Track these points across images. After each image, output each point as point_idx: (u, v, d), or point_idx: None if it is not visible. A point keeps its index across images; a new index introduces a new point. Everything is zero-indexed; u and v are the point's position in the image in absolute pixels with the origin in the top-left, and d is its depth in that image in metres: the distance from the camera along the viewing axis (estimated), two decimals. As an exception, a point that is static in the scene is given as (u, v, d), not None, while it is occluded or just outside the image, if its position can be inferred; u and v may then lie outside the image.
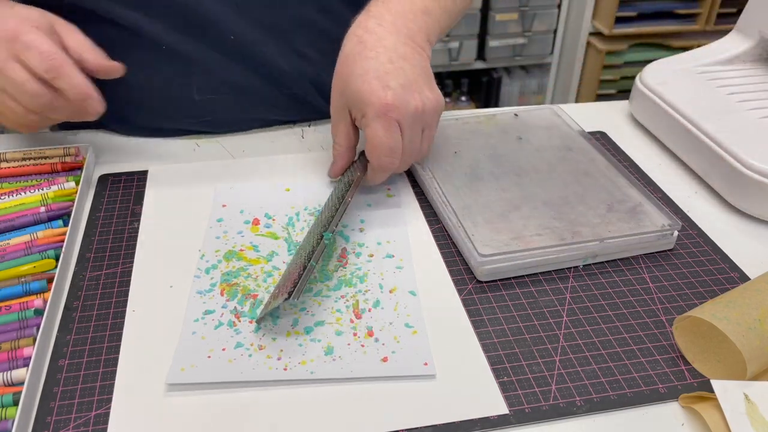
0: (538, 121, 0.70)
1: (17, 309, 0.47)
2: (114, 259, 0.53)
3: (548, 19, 2.14)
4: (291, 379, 0.43)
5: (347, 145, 0.59)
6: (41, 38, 0.52)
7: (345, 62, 0.56)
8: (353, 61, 0.54)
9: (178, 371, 0.43)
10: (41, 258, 0.51)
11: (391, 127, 0.53)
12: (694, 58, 0.76)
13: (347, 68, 0.55)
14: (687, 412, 0.43)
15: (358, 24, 0.57)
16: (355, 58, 0.54)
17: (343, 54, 0.56)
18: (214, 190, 0.61)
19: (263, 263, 0.53)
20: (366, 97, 0.53)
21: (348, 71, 0.55)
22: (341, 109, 0.57)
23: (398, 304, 0.49)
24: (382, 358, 0.45)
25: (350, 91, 0.54)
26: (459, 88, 2.34)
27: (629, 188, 0.59)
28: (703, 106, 0.66)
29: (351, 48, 0.55)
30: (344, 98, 0.56)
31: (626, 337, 0.47)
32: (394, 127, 0.53)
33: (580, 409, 0.42)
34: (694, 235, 0.58)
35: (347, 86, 0.55)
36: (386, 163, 0.55)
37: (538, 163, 0.63)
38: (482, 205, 0.57)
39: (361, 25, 0.57)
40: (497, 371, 0.45)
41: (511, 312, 0.49)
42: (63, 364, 0.44)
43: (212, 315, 0.48)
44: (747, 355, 0.41)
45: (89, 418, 0.41)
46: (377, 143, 0.53)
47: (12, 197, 0.57)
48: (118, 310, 0.49)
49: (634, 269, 0.54)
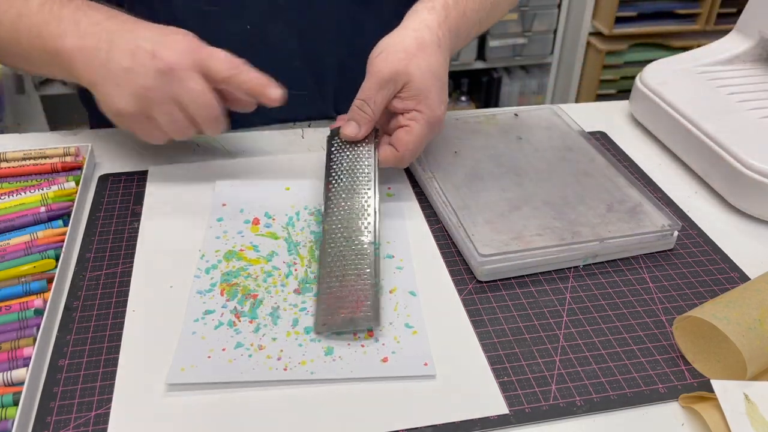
0: (538, 121, 0.70)
1: (17, 309, 0.47)
2: (114, 259, 0.53)
3: (548, 19, 2.14)
4: (291, 380, 0.43)
5: (376, 116, 0.58)
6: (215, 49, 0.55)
7: (407, 45, 0.57)
8: (421, 49, 0.57)
9: (178, 371, 0.43)
10: (41, 258, 0.51)
11: (430, 136, 0.59)
12: (694, 58, 0.76)
13: (411, 53, 0.56)
14: (687, 412, 0.43)
15: (423, 14, 0.59)
16: (423, 48, 0.57)
17: (405, 33, 0.58)
18: (214, 189, 0.61)
19: (263, 263, 0.53)
20: (432, 100, 0.57)
21: (411, 56, 0.56)
22: (389, 82, 0.57)
23: (398, 304, 0.49)
24: (382, 358, 0.45)
25: (416, 80, 0.56)
26: (459, 88, 2.34)
27: (629, 188, 0.59)
28: (703, 106, 0.66)
29: (416, 34, 0.57)
30: (403, 77, 0.56)
31: (626, 337, 0.47)
32: (431, 137, 0.60)
33: (580, 409, 0.42)
34: (694, 235, 0.58)
35: (410, 72, 0.56)
36: (410, 159, 0.59)
37: (538, 163, 0.63)
38: (482, 205, 0.57)
39: (427, 21, 0.59)
40: (497, 371, 0.45)
41: (511, 312, 0.49)
42: (63, 364, 0.44)
43: (212, 315, 0.48)
44: (747, 355, 0.41)
45: (89, 418, 0.41)
46: (416, 142, 0.58)
47: (12, 197, 0.57)
48: (118, 310, 0.49)
49: (634, 269, 0.54)
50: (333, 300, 0.48)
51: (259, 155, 0.67)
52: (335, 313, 0.47)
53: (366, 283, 0.48)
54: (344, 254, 0.50)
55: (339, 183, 0.55)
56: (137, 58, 0.53)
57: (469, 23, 0.63)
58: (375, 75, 0.56)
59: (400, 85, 0.57)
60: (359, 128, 0.58)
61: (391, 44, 0.57)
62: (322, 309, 0.47)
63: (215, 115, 0.55)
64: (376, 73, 0.56)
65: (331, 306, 0.47)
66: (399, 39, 0.58)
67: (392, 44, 0.57)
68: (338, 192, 0.55)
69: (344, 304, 0.47)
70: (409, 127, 0.58)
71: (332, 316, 0.47)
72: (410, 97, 0.57)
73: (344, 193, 0.55)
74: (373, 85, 0.57)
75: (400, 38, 0.58)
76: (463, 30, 0.63)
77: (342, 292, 0.48)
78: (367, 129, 0.58)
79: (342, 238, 0.51)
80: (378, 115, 0.58)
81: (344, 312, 0.47)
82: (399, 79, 0.56)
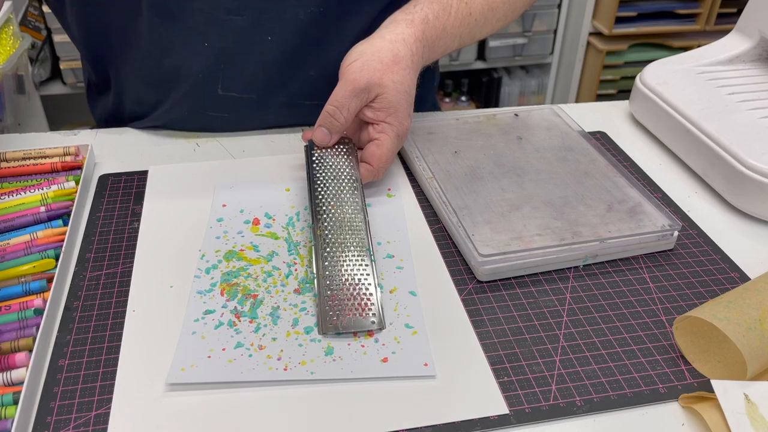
0: (539, 121, 0.70)
1: (17, 309, 0.47)
2: (114, 259, 0.53)
3: (548, 19, 2.14)
4: (291, 380, 0.43)
5: (347, 124, 0.59)
6: None
7: (383, 56, 0.57)
8: (396, 63, 0.58)
9: (178, 371, 0.43)
10: (41, 258, 0.51)
11: (398, 148, 0.62)
12: (694, 58, 0.76)
13: (386, 65, 0.57)
14: (687, 412, 0.43)
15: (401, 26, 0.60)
16: (397, 62, 0.58)
17: (382, 43, 0.58)
18: (214, 190, 0.61)
19: (263, 263, 0.53)
20: (401, 113, 0.59)
21: (387, 68, 0.57)
22: (364, 92, 0.57)
23: (398, 304, 0.49)
24: (382, 358, 0.45)
25: (389, 93, 0.58)
26: (459, 88, 2.34)
27: (629, 188, 0.59)
28: (703, 106, 0.66)
29: (392, 46, 0.58)
30: (377, 89, 0.57)
31: (626, 337, 0.47)
32: (399, 148, 0.62)
33: (580, 410, 0.42)
34: (694, 235, 0.58)
35: (385, 84, 0.57)
36: (384, 171, 0.61)
37: (538, 163, 0.63)
38: (482, 205, 0.57)
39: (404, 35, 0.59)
40: (497, 371, 0.45)
41: (511, 312, 0.49)
42: (63, 364, 0.44)
43: (212, 315, 0.48)
44: (747, 355, 0.41)
45: (89, 418, 0.41)
46: (388, 154, 0.60)
47: (12, 197, 0.57)
48: (118, 310, 0.49)
49: (634, 269, 0.54)
50: (337, 302, 0.48)
51: (259, 155, 0.67)
52: (341, 314, 0.47)
53: (369, 285, 0.49)
54: (340, 258, 0.50)
55: (326, 190, 0.55)
56: None
57: (447, 38, 0.64)
58: (351, 83, 0.57)
59: (373, 95, 0.58)
60: (330, 135, 0.58)
61: (367, 53, 0.58)
62: (327, 310, 0.47)
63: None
64: (351, 81, 0.57)
65: (335, 308, 0.47)
66: (376, 49, 0.58)
67: (368, 53, 0.58)
68: (327, 198, 0.55)
69: (349, 306, 0.47)
70: (380, 140, 0.59)
71: (338, 318, 0.47)
72: (382, 109, 0.58)
73: (332, 200, 0.55)
74: (347, 93, 0.57)
75: (377, 48, 0.58)
76: (439, 45, 0.63)
77: (345, 294, 0.48)
78: (338, 136, 0.59)
79: (336, 243, 0.51)
80: (349, 123, 0.58)
81: (350, 314, 0.47)
82: (373, 89, 0.57)
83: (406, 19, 0.60)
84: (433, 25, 0.62)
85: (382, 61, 0.57)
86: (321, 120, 0.58)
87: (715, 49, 0.77)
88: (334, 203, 0.54)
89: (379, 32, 0.60)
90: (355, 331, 0.46)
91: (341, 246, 0.51)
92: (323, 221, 0.53)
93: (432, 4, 0.62)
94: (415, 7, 0.62)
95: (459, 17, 0.63)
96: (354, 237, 0.52)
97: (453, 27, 0.63)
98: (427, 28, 0.61)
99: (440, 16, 0.62)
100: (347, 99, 0.57)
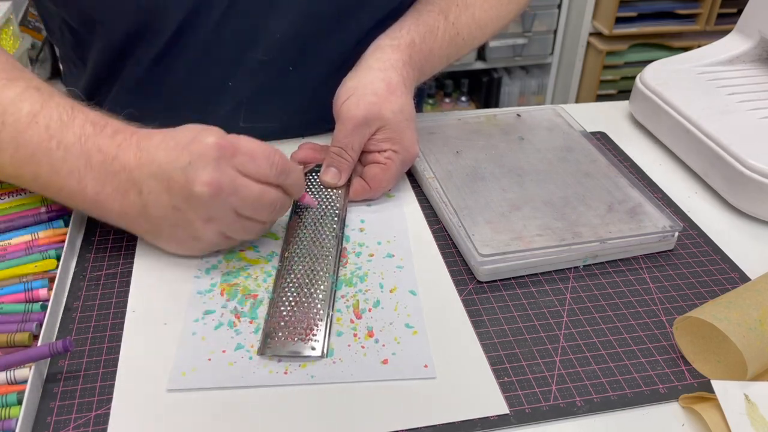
0: (540, 122, 0.70)
1: (23, 300, 0.47)
2: (114, 259, 0.53)
3: (548, 19, 2.14)
4: (291, 384, 0.43)
5: (355, 160, 0.58)
6: (252, 141, 0.48)
7: (376, 87, 0.56)
8: (391, 92, 0.57)
9: (179, 376, 0.43)
10: (42, 258, 0.51)
11: (403, 173, 0.62)
12: (694, 58, 0.76)
13: (382, 96, 0.56)
14: (687, 413, 0.43)
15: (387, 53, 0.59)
16: (392, 90, 0.57)
17: (372, 74, 0.57)
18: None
19: (263, 263, 0.53)
20: (407, 140, 0.58)
21: (383, 99, 0.56)
22: (364, 126, 0.56)
23: (398, 304, 0.49)
24: (382, 360, 0.45)
25: (391, 124, 0.57)
26: (459, 89, 2.34)
27: (630, 189, 0.59)
28: (703, 106, 0.66)
29: (383, 75, 0.57)
30: (377, 122, 0.57)
31: (626, 338, 0.47)
32: (404, 172, 0.62)
33: (580, 410, 0.42)
34: (694, 236, 0.58)
35: (384, 116, 0.56)
36: (381, 194, 0.60)
37: (538, 164, 0.63)
38: (483, 205, 0.57)
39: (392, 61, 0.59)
40: (497, 371, 0.45)
41: (512, 312, 0.49)
42: (63, 364, 0.44)
43: (212, 315, 0.48)
44: (747, 355, 0.41)
45: (89, 418, 0.41)
46: (391, 180, 0.59)
47: (12, 197, 0.57)
48: (118, 310, 0.49)
49: (635, 269, 0.54)
50: (282, 324, 0.46)
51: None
52: (283, 337, 0.46)
53: (319, 312, 0.47)
54: (300, 283, 0.50)
55: (305, 215, 0.56)
56: (175, 195, 0.46)
57: (434, 60, 0.63)
58: (349, 120, 0.56)
59: (374, 128, 0.57)
60: (340, 175, 0.58)
61: (359, 87, 0.57)
62: (269, 331, 0.46)
63: (282, 205, 0.50)
64: (349, 119, 0.56)
65: (278, 329, 0.46)
66: (367, 81, 0.57)
67: (360, 87, 0.57)
68: (304, 224, 0.55)
69: (293, 330, 0.46)
70: (386, 165, 0.58)
71: (277, 340, 0.45)
72: (386, 140, 0.58)
73: (310, 226, 0.54)
74: (348, 131, 0.56)
75: (369, 80, 0.57)
76: (427, 67, 0.63)
77: (292, 317, 0.47)
78: (347, 174, 0.59)
79: (300, 267, 0.51)
80: (356, 159, 0.58)
81: (291, 338, 0.46)
82: (373, 123, 0.56)
83: (392, 44, 0.59)
84: (419, 49, 0.61)
85: (377, 92, 0.56)
86: (328, 160, 0.58)
87: (715, 49, 0.77)
88: (312, 229, 0.54)
89: (365, 62, 0.59)
90: (292, 356, 0.45)
91: (305, 272, 0.50)
92: (294, 244, 0.53)
93: (418, 26, 0.61)
94: (401, 31, 0.61)
95: (446, 38, 0.63)
96: (320, 264, 0.51)
97: (440, 49, 0.62)
98: (413, 52, 0.60)
99: (427, 39, 0.61)
100: (349, 138, 0.57)
